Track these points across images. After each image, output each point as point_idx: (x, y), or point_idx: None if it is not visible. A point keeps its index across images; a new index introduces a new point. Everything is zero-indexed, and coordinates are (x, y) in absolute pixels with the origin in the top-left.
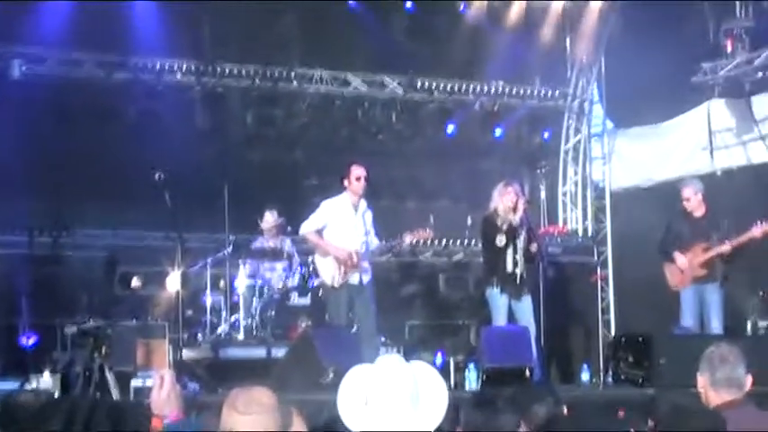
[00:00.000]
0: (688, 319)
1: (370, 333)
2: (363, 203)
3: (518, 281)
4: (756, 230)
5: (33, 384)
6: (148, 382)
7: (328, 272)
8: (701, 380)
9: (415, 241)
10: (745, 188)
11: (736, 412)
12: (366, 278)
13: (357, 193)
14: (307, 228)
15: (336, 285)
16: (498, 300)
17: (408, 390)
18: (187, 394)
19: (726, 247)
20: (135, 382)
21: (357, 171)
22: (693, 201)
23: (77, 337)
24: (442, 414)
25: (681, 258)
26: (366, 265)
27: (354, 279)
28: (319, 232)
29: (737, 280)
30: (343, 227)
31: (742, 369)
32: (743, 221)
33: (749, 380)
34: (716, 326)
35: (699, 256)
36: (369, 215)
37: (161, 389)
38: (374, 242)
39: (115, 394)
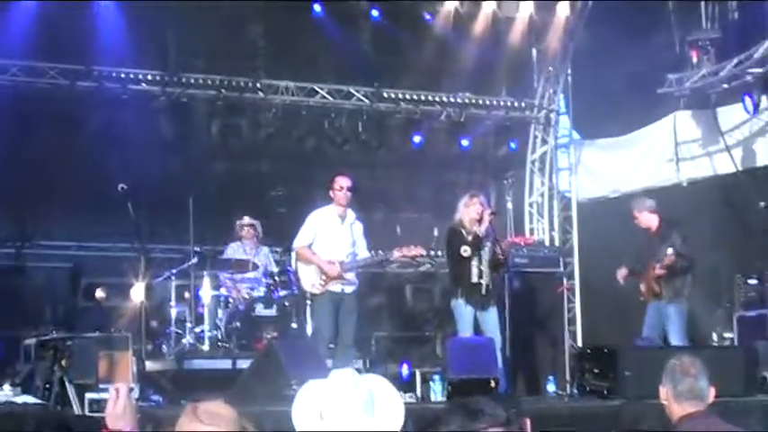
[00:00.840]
0: (647, 332)
1: (346, 344)
2: (351, 214)
3: (483, 291)
4: (667, 259)
5: None
6: (104, 395)
7: (308, 279)
8: (664, 392)
9: (404, 257)
10: (710, 199)
11: (698, 424)
12: (349, 289)
13: (341, 203)
14: (299, 242)
15: (316, 292)
16: (464, 310)
17: (362, 401)
18: (145, 408)
19: (660, 271)
20: (90, 395)
21: (341, 181)
22: (641, 219)
23: (38, 349)
24: (399, 425)
25: (620, 273)
26: (350, 276)
27: (336, 288)
28: (311, 245)
29: (701, 293)
30: (328, 237)
31: (705, 381)
32: (701, 233)
33: (712, 392)
34: (674, 341)
35: (651, 273)
36: (357, 226)
37: (116, 402)
38: (363, 254)
39: (75, 407)
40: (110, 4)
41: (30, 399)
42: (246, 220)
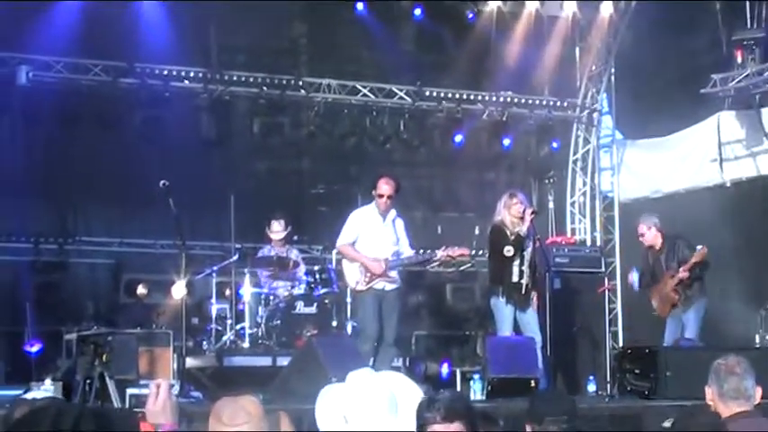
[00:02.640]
0: (667, 339)
1: (388, 343)
2: (393, 212)
3: (524, 291)
4: (696, 256)
5: (34, 392)
6: (145, 391)
7: (353, 276)
8: (710, 392)
9: (449, 257)
10: (754, 199)
11: (745, 424)
12: (390, 287)
13: (382, 209)
14: (342, 241)
15: (360, 289)
16: (504, 310)
17: (385, 400)
18: (182, 404)
19: (683, 274)
20: (131, 390)
21: (382, 188)
22: (648, 235)
23: (79, 345)
24: None
25: (654, 302)
26: (393, 274)
27: (379, 285)
28: (354, 243)
29: (744, 294)
30: (371, 236)
31: (751, 381)
32: (745, 233)
33: (759, 392)
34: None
35: (668, 285)
36: (399, 223)
37: (156, 398)
38: (407, 252)
39: (116, 402)
40: (153, 2)
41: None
42: (275, 227)
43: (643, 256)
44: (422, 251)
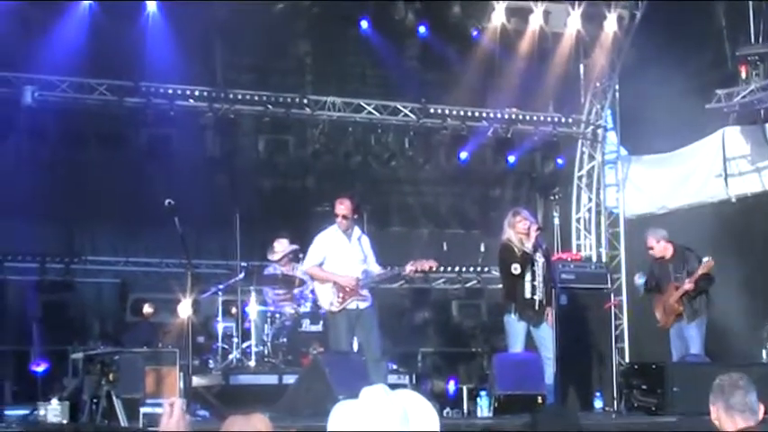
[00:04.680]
0: (676, 357)
1: (375, 358)
2: (357, 230)
3: (537, 306)
4: (702, 268)
5: (42, 412)
6: (158, 410)
7: (326, 297)
8: (714, 408)
9: (417, 271)
10: (759, 214)
11: None
12: (363, 305)
13: (341, 228)
14: (308, 263)
15: (335, 310)
16: (516, 326)
17: (398, 418)
18: (195, 423)
19: (688, 286)
20: (144, 410)
21: (338, 208)
22: (657, 248)
23: (86, 364)
24: None
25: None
26: (365, 293)
27: (352, 305)
28: (321, 265)
29: (750, 309)
30: (339, 256)
31: (754, 395)
32: (750, 248)
33: (762, 408)
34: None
35: (673, 296)
36: (365, 240)
37: (170, 417)
38: (375, 269)
39: (123, 421)
40: (158, 21)
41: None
42: (275, 250)
43: (650, 267)
44: (394, 267)
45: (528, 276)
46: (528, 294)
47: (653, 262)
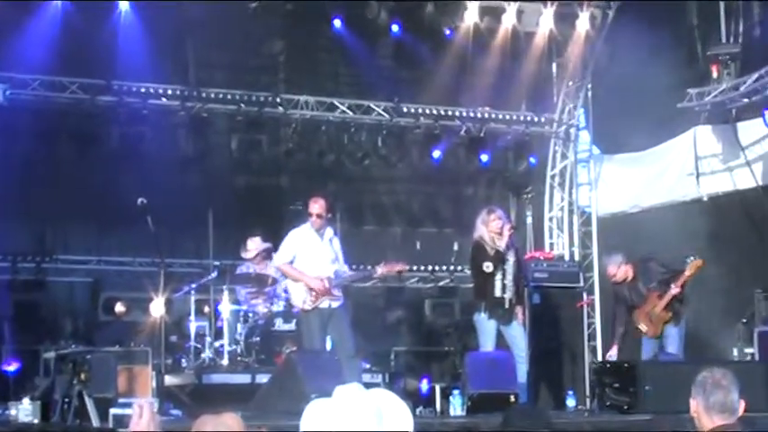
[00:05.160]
0: (645, 354)
1: (348, 356)
2: (330, 230)
3: (507, 305)
4: (688, 270)
5: (13, 412)
6: (128, 411)
7: (299, 296)
8: (694, 404)
9: (387, 273)
10: (731, 214)
11: None
12: (336, 304)
13: (315, 227)
14: (279, 260)
15: (308, 308)
16: (487, 325)
17: (371, 417)
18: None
19: (676, 290)
20: (114, 411)
21: (313, 207)
22: (619, 273)
23: (58, 363)
24: None
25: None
26: (337, 292)
27: (324, 304)
28: (292, 263)
29: (721, 308)
30: (311, 255)
31: (736, 394)
32: (722, 247)
33: (742, 405)
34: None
35: (659, 305)
36: (336, 241)
37: (140, 418)
38: (344, 269)
39: (95, 421)
40: (131, 19)
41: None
42: (248, 249)
43: (616, 292)
44: (367, 267)
45: (498, 275)
46: (498, 293)
47: (619, 286)
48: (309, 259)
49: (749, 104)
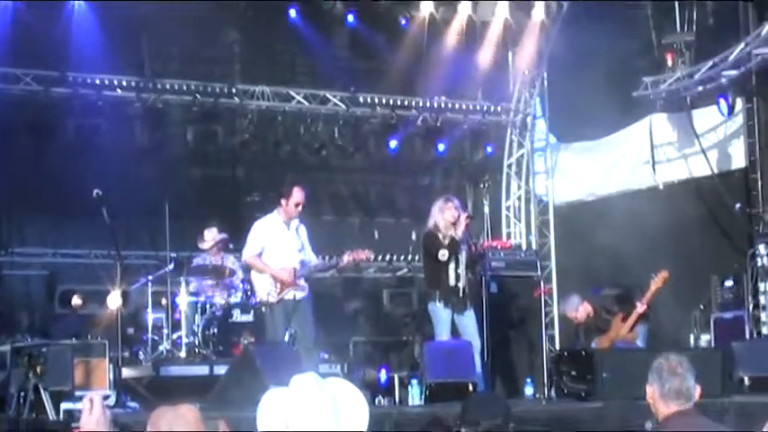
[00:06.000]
0: None
1: (308, 348)
2: (296, 220)
3: (461, 294)
4: (654, 284)
5: None
6: (79, 405)
7: (264, 288)
8: (650, 390)
9: (353, 261)
10: (686, 201)
11: (685, 423)
12: (301, 295)
13: (291, 216)
14: (248, 253)
15: (272, 300)
16: (441, 314)
17: (327, 406)
18: (119, 416)
19: (642, 308)
20: (65, 405)
21: (298, 196)
22: (580, 314)
23: (13, 357)
24: (364, 427)
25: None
26: (303, 282)
27: (289, 295)
28: (260, 254)
29: (677, 296)
30: (277, 245)
31: (692, 380)
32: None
33: (698, 391)
34: None
35: (623, 327)
36: (303, 230)
37: (90, 413)
38: (312, 259)
39: (51, 415)
40: (84, 11)
41: None
42: (204, 240)
43: (587, 330)
44: (332, 257)
45: (452, 264)
46: (452, 282)
47: (586, 324)
48: (276, 250)
49: (704, 92)
